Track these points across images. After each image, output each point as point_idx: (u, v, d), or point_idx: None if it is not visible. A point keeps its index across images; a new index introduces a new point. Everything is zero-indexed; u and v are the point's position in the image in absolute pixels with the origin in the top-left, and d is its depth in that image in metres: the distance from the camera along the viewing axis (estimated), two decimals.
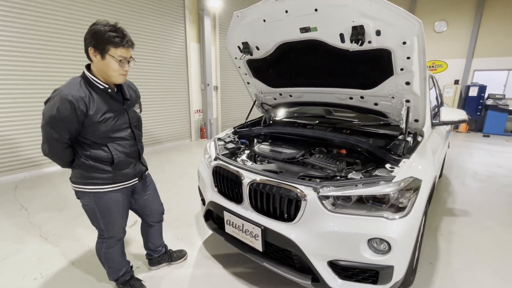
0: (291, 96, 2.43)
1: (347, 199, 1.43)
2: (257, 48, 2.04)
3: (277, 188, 1.53)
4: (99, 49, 1.32)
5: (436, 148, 2.27)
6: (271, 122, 2.78)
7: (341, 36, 1.58)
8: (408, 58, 1.49)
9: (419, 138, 1.92)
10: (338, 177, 1.62)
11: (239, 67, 2.38)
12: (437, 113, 2.67)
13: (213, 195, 1.93)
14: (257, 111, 2.76)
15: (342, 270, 1.45)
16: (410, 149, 1.74)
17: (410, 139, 1.86)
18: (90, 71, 1.40)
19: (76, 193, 1.53)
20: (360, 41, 1.51)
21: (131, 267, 1.84)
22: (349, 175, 1.57)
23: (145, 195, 1.77)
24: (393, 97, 1.82)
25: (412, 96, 1.70)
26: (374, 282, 1.42)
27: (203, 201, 2.14)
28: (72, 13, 4.34)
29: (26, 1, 3.89)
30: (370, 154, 1.78)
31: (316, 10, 1.53)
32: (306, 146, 2.09)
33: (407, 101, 1.75)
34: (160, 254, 2.04)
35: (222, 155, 1.98)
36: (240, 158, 2.06)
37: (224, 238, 1.88)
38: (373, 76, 1.79)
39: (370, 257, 1.37)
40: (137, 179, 1.67)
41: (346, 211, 1.41)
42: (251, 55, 2.12)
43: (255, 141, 2.35)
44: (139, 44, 5.34)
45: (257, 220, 1.62)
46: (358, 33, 1.49)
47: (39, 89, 4.12)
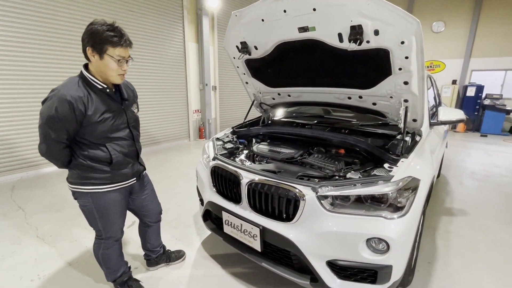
0: (289, 96, 2.43)
1: (345, 198, 1.43)
2: (256, 48, 2.04)
3: (275, 188, 1.52)
4: (97, 49, 1.31)
5: (434, 148, 2.28)
6: (269, 122, 2.77)
7: (340, 35, 1.58)
8: (406, 57, 1.50)
9: (417, 138, 1.92)
10: (337, 177, 1.63)
11: (238, 67, 2.37)
12: (435, 113, 2.68)
13: (211, 195, 1.93)
14: (255, 111, 2.76)
15: (341, 270, 1.44)
16: (409, 148, 1.74)
17: (408, 138, 1.86)
18: (88, 70, 1.39)
19: (74, 193, 1.52)
20: (359, 41, 1.51)
21: (129, 267, 1.84)
22: (348, 175, 1.56)
23: (142, 195, 1.77)
24: (391, 97, 1.82)
25: (410, 96, 1.71)
26: (373, 282, 1.42)
27: (201, 201, 2.14)
28: (71, 12, 4.32)
29: (26, 1, 3.87)
30: (368, 154, 1.78)
31: (315, 10, 1.53)
32: (305, 146, 2.09)
33: (406, 100, 1.76)
34: (158, 255, 2.04)
35: (221, 155, 1.98)
36: (239, 158, 2.06)
37: (223, 238, 1.87)
38: (372, 76, 1.79)
39: (368, 257, 1.37)
40: (135, 179, 1.66)
41: (344, 210, 1.41)
42: (249, 54, 2.11)
43: (254, 141, 2.35)
44: (137, 44, 5.32)
45: (255, 220, 1.62)
46: (356, 32, 1.49)
47: (36, 89, 4.10)
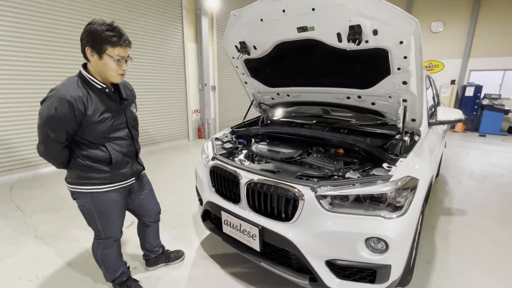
0: (288, 95, 2.43)
1: (344, 198, 1.43)
2: (255, 48, 2.03)
3: (274, 188, 1.52)
4: (97, 49, 1.31)
5: (433, 148, 2.28)
6: (268, 122, 2.77)
7: (339, 35, 1.58)
8: (405, 57, 1.50)
9: (416, 138, 1.93)
10: (336, 177, 1.63)
11: (237, 67, 2.37)
12: (434, 113, 2.68)
13: (210, 195, 1.92)
14: (254, 111, 2.76)
15: (340, 269, 1.45)
16: (407, 148, 1.74)
17: (407, 138, 1.86)
18: (87, 70, 1.39)
19: (72, 194, 1.52)
20: (357, 41, 1.51)
21: (128, 267, 1.83)
22: (347, 175, 1.56)
23: (141, 194, 1.77)
24: (390, 97, 1.83)
25: (409, 96, 1.71)
26: (372, 281, 1.42)
27: (200, 201, 2.14)
28: (70, 13, 4.31)
29: (26, 1, 3.86)
30: (367, 154, 1.78)
31: (314, 10, 1.53)
32: (304, 146, 2.09)
33: (404, 100, 1.76)
34: (157, 255, 2.03)
35: (220, 155, 1.98)
36: (238, 158, 2.05)
37: (222, 238, 1.87)
38: (371, 76, 1.79)
39: (367, 256, 1.37)
40: (134, 178, 1.66)
41: (343, 210, 1.41)
42: (248, 54, 2.11)
43: (253, 140, 2.35)
44: (136, 44, 5.31)
45: (254, 220, 1.62)
46: (355, 32, 1.49)
47: (35, 89, 4.09)
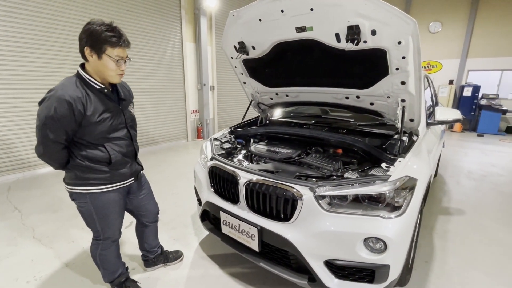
0: (287, 96, 2.43)
1: (343, 198, 1.43)
2: (253, 48, 2.03)
3: (273, 188, 1.52)
4: (96, 49, 1.30)
5: (431, 148, 2.29)
6: (267, 122, 2.77)
7: (337, 35, 1.59)
8: (403, 57, 1.50)
9: (415, 138, 1.93)
10: (334, 177, 1.63)
11: (235, 67, 2.37)
12: (432, 113, 2.69)
13: (209, 195, 1.92)
14: (253, 111, 2.75)
15: (339, 269, 1.45)
16: (406, 148, 1.74)
17: (405, 138, 1.86)
18: (85, 70, 1.38)
19: (71, 195, 1.51)
20: (356, 41, 1.52)
21: (127, 268, 1.83)
22: (345, 175, 1.57)
23: (140, 195, 1.76)
24: (388, 97, 1.83)
25: (407, 96, 1.71)
26: (371, 281, 1.42)
27: (199, 201, 2.14)
28: (69, 13, 4.29)
29: (25, 1, 3.85)
30: (366, 154, 1.79)
31: (312, 10, 1.53)
32: (303, 146, 2.09)
33: (403, 100, 1.76)
34: (156, 255, 2.03)
35: (218, 155, 1.97)
36: (237, 158, 2.05)
37: (221, 238, 1.87)
38: (369, 76, 1.80)
39: (366, 256, 1.37)
40: (133, 178, 1.66)
41: (342, 210, 1.41)
42: (247, 54, 2.11)
43: (252, 141, 2.35)
44: (135, 44, 5.29)
45: (253, 220, 1.61)
46: (353, 32, 1.50)
47: (34, 89, 4.07)
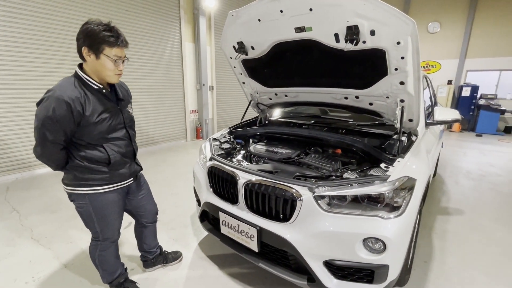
0: (286, 96, 2.43)
1: (342, 198, 1.43)
2: (252, 48, 2.03)
3: (272, 188, 1.52)
4: (94, 49, 1.30)
5: (430, 148, 2.29)
6: (266, 122, 2.77)
7: (336, 36, 1.58)
8: (402, 58, 1.50)
9: (414, 138, 1.93)
10: (334, 177, 1.63)
11: (234, 67, 2.37)
12: (431, 113, 2.69)
13: (208, 195, 1.92)
14: (252, 111, 2.75)
15: (338, 270, 1.45)
16: (405, 148, 1.75)
17: (404, 138, 1.87)
18: (83, 70, 1.38)
19: (70, 195, 1.50)
20: (355, 41, 1.51)
21: (126, 269, 1.82)
22: (345, 175, 1.57)
23: (139, 195, 1.76)
24: (387, 97, 1.83)
25: (406, 96, 1.72)
26: (370, 282, 1.42)
27: (198, 201, 2.13)
28: (68, 12, 4.28)
29: (24, 1, 3.83)
30: (365, 154, 1.79)
31: (311, 10, 1.53)
32: (302, 146, 2.09)
33: (402, 100, 1.76)
34: (155, 256, 2.02)
35: (218, 155, 1.97)
36: (236, 158, 2.05)
37: (220, 239, 1.87)
38: (368, 76, 1.80)
39: (365, 257, 1.37)
40: (132, 179, 1.65)
41: (341, 210, 1.41)
42: (246, 55, 2.11)
43: (251, 141, 2.35)
44: (134, 44, 5.29)
45: (252, 221, 1.61)
46: (352, 33, 1.49)
47: (33, 89, 4.06)
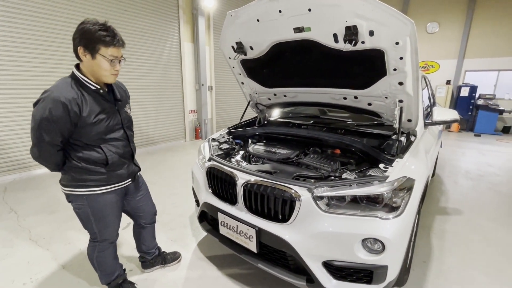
0: (285, 96, 2.43)
1: (341, 199, 1.43)
2: (251, 48, 2.03)
3: (271, 189, 1.52)
4: (89, 49, 1.29)
5: (429, 148, 2.29)
6: (265, 122, 2.77)
7: (335, 36, 1.58)
8: (401, 58, 1.50)
9: (412, 138, 1.94)
10: (333, 177, 1.63)
11: (233, 67, 2.36)
12: (429, 113, 2.70)
13: (207, 196, 1.91)
14: (251, 111, 2.75)
15: (337, 270, 1.45)
16: (403, 148, 1.75)
17: (403, 139, 1.87)
18: (79, 71, 1.37)
19: (68, 196, 1.50)
20: (354, 41, 1.51)
21: (124, 270, 1.82)
22: (343, 175, 1.57)
23: (137, 196, 1.75)
24: (386, 97, 1.83)
25: (405, 96, 1.72)
26: (369, 282, 1.42)
27: (197, 202, 2.13)
28: (67, 12, 4.26)
29: (23, 0, 3.82)
30: (364, 154, 1.79)
31: (310, 10, 1.53)
32: (301, 146, 2.09)
33: (400, 101, 1.76)
34: (154, 256, 2.02)
35: (216, 155, 1.97)
36: (235, 159, 2.05)
37: (219, 239, 1.86)
38: (367, 76, 1.79)
39: (364, 257, 1.37)
40: (130, 180, 1.64)
41: (340, 211, 1.41)
42: (245, 55, 2.10)
43: (250, 141, 2.34)
44: (132, 44, 5.28)
45: (251, 221, 1.61)
46: (351, 33, 1.49)
47: (31, 89, 4.04)
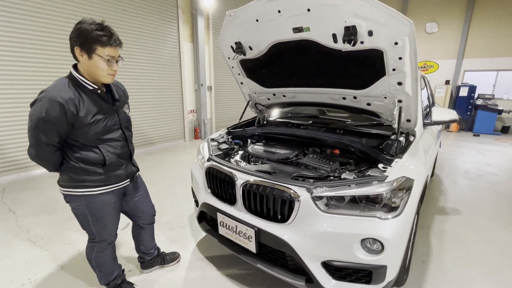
0: (284, 96, 2.43)
1: (340, 199, 1.43)
2: (250, 48, 2.03)
3: (270, 189, 1.52)
4: (86, 49, 1.28)
5: (428, 148, 2.29)
6: (265, 122, 2.77)
7: (334, 36, 1.58)
8: (400, 58, 1.50)
9: (411, 138, 1.94)
10: (332, 177, 1.62)
11: (233, 67, 2.36)
12: (428, 113, 2.70)
13: (206, 196, 1.91)
14: (251, 111, 2.75)
15: (336, 270, 1.44)
16: (403, 149, 1.75)
17: (402, 139, 1.87)
18: (77, 71, 1.37)
19: (66, 197, 1.49)
20: (353, 41, 1.51)
21: (123, 270, 1.81)
22: (343, 175, 1.57)
23: (136, 196, 1.75)
24: (385, 97, 1.83)
25: (404, 96, 1.72)
26: (368, 282, 1.42)
27: (196, 202, 2.12)
28: (66, 12, 4.26)
29: (22, 0, 3.82)
30: (363, 154, 1.79)
31: (309, 10, 1.53)
32: (300, 147, 2.09)
33: (399, 101, 1.76)
34: (153, 257, 2.01)
35: (216, 155, 1.96)
36: (234, 159, 2.04)
37: (218, 239, 1.86)
38: (366, 76, 1.79)
39: (363, 257, 1.37)
40: (128, 180, 1.64)
41: (339, 211, 1.41)
42: (244, 55, 2.10)
43: (249, 141, 2.34)
44: (131, 44, 5.27)
45: (250, 222, 1.61)
46: (350, 33, 1.49)
47: (29, 89, 4.03)
